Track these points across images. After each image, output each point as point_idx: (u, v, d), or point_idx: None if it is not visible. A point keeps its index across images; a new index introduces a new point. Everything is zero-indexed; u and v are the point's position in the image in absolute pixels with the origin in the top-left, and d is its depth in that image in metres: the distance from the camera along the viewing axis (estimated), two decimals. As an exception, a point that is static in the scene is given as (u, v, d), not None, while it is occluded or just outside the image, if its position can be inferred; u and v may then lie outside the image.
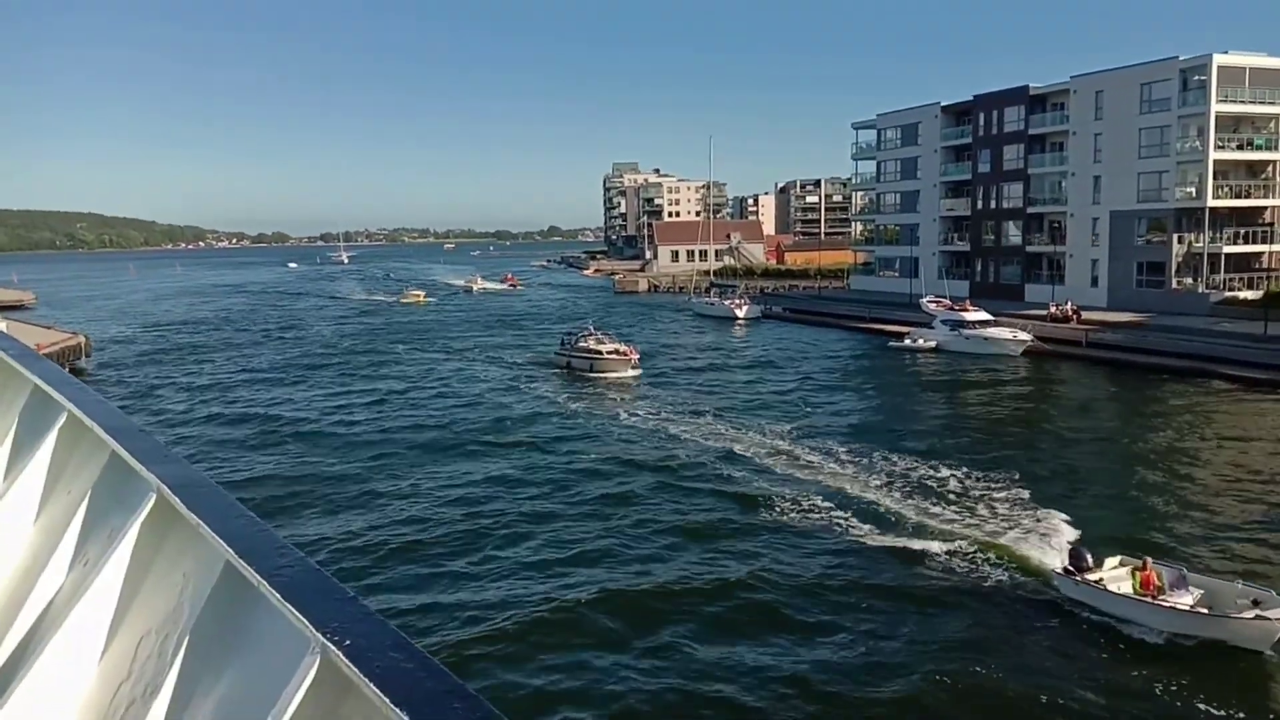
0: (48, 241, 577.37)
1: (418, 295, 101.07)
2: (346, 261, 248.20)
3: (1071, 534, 22.00)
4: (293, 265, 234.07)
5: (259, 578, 2.26)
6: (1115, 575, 18.36)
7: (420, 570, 21.05)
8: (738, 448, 31.44)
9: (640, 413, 38.51)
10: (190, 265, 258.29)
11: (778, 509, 24.69)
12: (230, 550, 2.44)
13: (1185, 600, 17.26)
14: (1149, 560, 18.12)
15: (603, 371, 47.86)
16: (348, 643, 1.89)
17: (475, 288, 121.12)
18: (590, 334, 51.14)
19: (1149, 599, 17.41)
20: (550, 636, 17.48)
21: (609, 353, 48.57)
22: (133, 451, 3.25)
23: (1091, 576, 18.30)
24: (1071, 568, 18.70)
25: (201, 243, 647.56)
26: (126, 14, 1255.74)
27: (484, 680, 16.01)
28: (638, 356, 48.94)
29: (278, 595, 2.15)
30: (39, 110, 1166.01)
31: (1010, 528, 22.85)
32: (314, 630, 1.96)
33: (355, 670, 1.81)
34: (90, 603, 2.88)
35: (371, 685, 1.75)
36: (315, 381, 48.58)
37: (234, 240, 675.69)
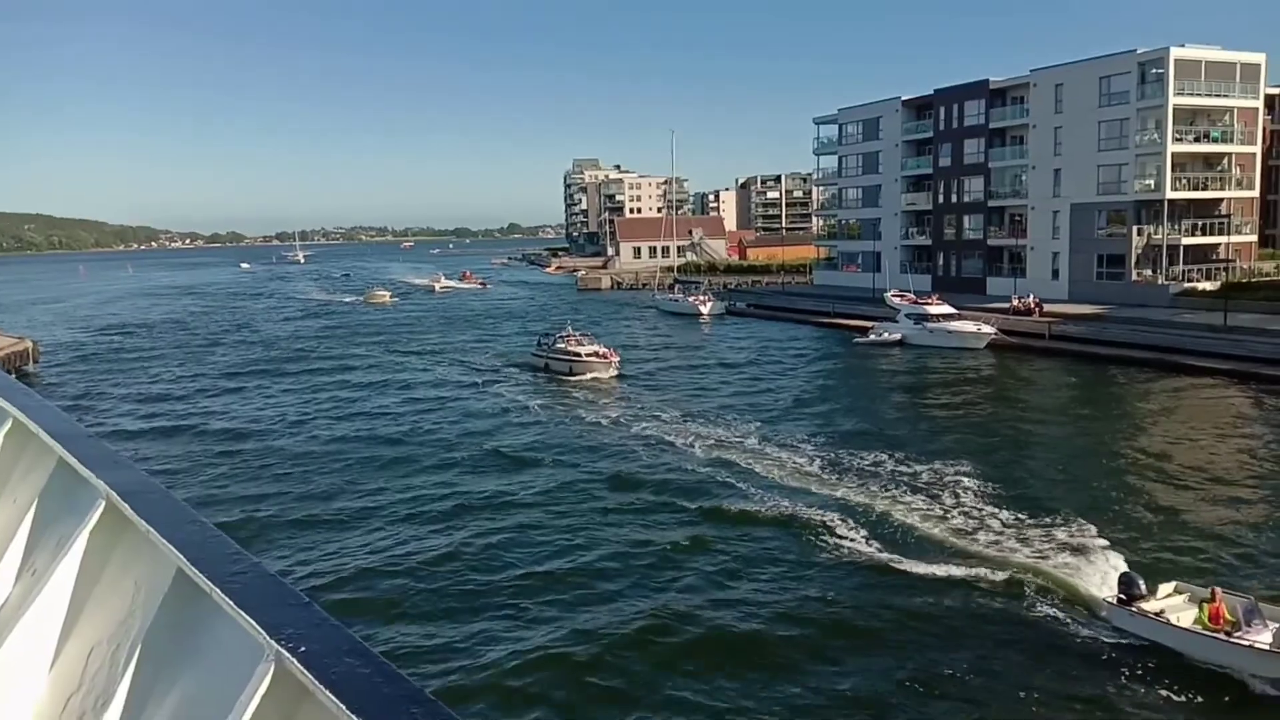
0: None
1: (384, 296, 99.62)
2: (303, 261, 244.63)
3: (1063, 537, 21.63)
4: (245, 266, 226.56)
5: (211, 585, 2.24)
6: (1175, 605, 16.41)
7: (394, 608, 19.05)
8: (725, 454, 30.06)
9: (624, 418, 36.75)
10: (143, 266, 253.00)
11: (790, 528, 22.97)
12: (182, 557, 2.42)
13: (1265, 637, 15.13)
14: (1218, 590, 16.09)
15: (583, 374, 46.28)
16: (303, 649, 1.88)
17: (438, 287, 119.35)
18: (569, 335, 49.54)
19: (1221, 634, 15.35)
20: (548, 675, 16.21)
21: (589, 355, 47.03)
22: (81, 458, 3.21)
23: (1149, 607, 16.35)
24: (1124, 595, 16.82)
25: (154, 243, 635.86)
26: (74, 11, 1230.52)
27: (442, 684, 15.47)
28: (619, 359, 47.47)
29: (231, 602, 2.14)
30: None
31: (1015, 536, 22.32)
32: (268, 637, 1.94)
33: (310, 677, 1.80)
34: (39, 613, 2.84)
35: (327, 692, 1.74)
36: (278, 389, 46.38)
37: (188, 241, 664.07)
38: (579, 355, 47.01)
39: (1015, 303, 58.72)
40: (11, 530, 3.47)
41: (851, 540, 21.89)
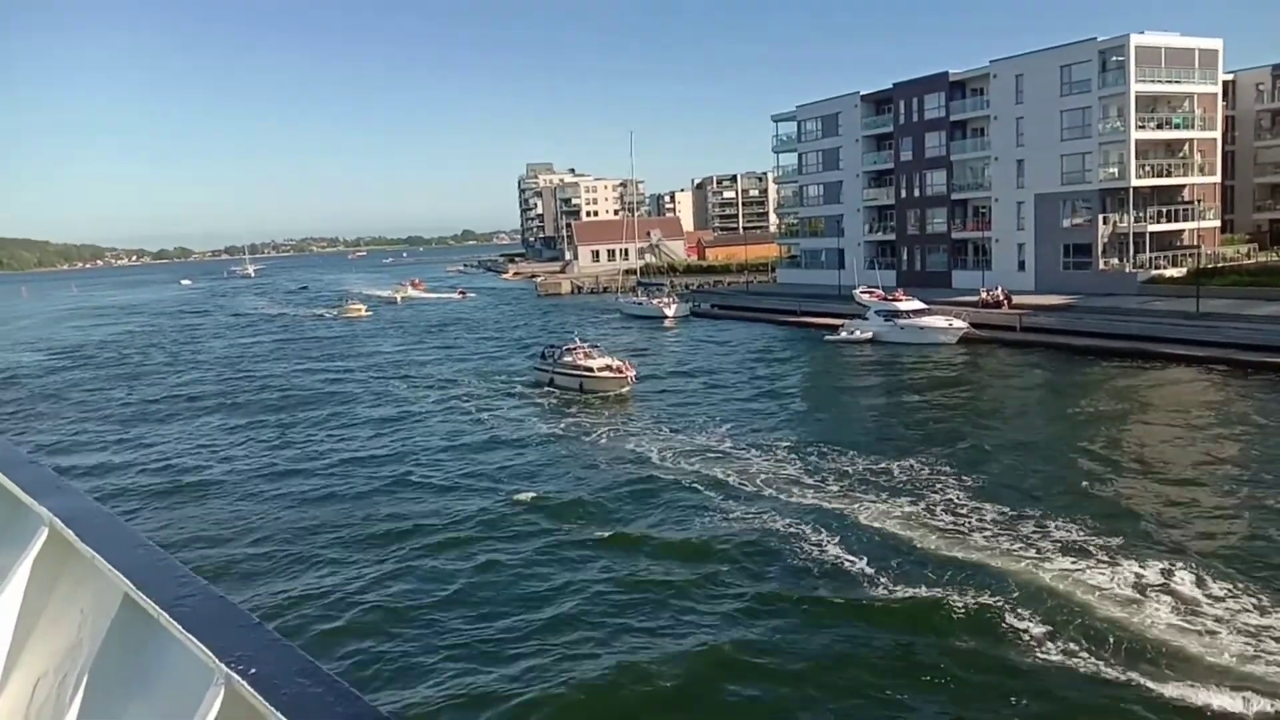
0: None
1: (358, 308, 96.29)
2: (253, 274, 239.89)
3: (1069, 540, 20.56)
4: (186, 283, 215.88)
5: (159, 609, 2.21)
6: None
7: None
8: (720, 471, 27.99)
9: (654, 445, 32.14)
10: (87, 285, 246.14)
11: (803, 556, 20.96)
12: (128, 582, 2.38)
13: None
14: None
15: (594, 391, 41.65)
16: (253, 671, 1.87)
17: (400, 297, 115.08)
18: (577, 347, 44.71)
19: None
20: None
21: (601, 369, 42.23)
22: (21, 483, 3.16)
23: None
24: None
25: (100, 261, 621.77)
26: (7, 24, 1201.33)
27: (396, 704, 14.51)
28: (634, 373, 42.56)
29: (179, 626, 2.11)
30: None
31: (1004, 536, 21.32)
32: (217, 660, 1.93)
33: (261, 700, 1.79)
34: None
35: (279, 714, 1.74)
36: (243, 417, 41.44)
37: (134, 258, 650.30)
38: (589, 370, 42.40)
39: (984, 295, 58.12)
40: None
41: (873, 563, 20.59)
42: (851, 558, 20.61)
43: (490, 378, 49.16)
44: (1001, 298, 57.39)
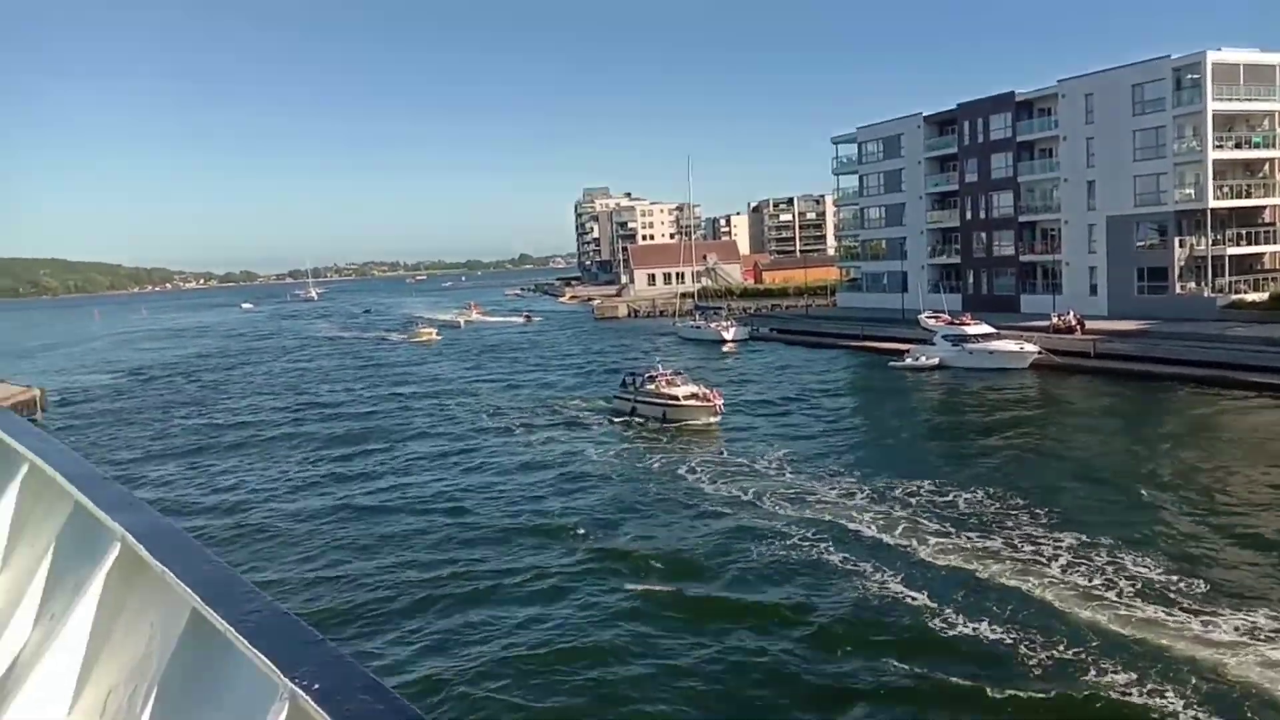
0: (10, 289, 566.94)
1: (429, 333, 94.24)
2: (316, 298, 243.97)
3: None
4: (247, 306, 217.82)
5: (226, 624, 2.25)
6: None
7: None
8: (822, 514, 25.65)
9: (748, 485, 29.59)
10: (156, 308, 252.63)
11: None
12: (197, 598, 2.42)
13: None
14: None
15: (679, 420, 39.47)
16: (316, 686, 1.89)
17: (463, 321, 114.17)
18: (660, 374, 42.40)
19: None
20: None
21: (687, 397, 40.02)
22: (97, 501, 3.25)
23: None
24: None
25: (169, 284, 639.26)
26: (81, 56, 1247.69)
27: None
28: (722, 401, 40.05)
29: (245, 641, 2.14)
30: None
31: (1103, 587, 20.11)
32: (282, 675, 1.96)
33: (324, 714, 1.81)
34: (57, 657, 2.86)
35: None
36: (313, 444, 40.28)
37: (202, 281, 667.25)
38: (675, 398, 40.13)
39: (1055, 320, 56.42)
40: (30, 574, 3.50)
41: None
42: (914, 593, 19.78)
43: (568, 406, 46.92)
44: (1074, 323, 55.65)
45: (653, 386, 41.60)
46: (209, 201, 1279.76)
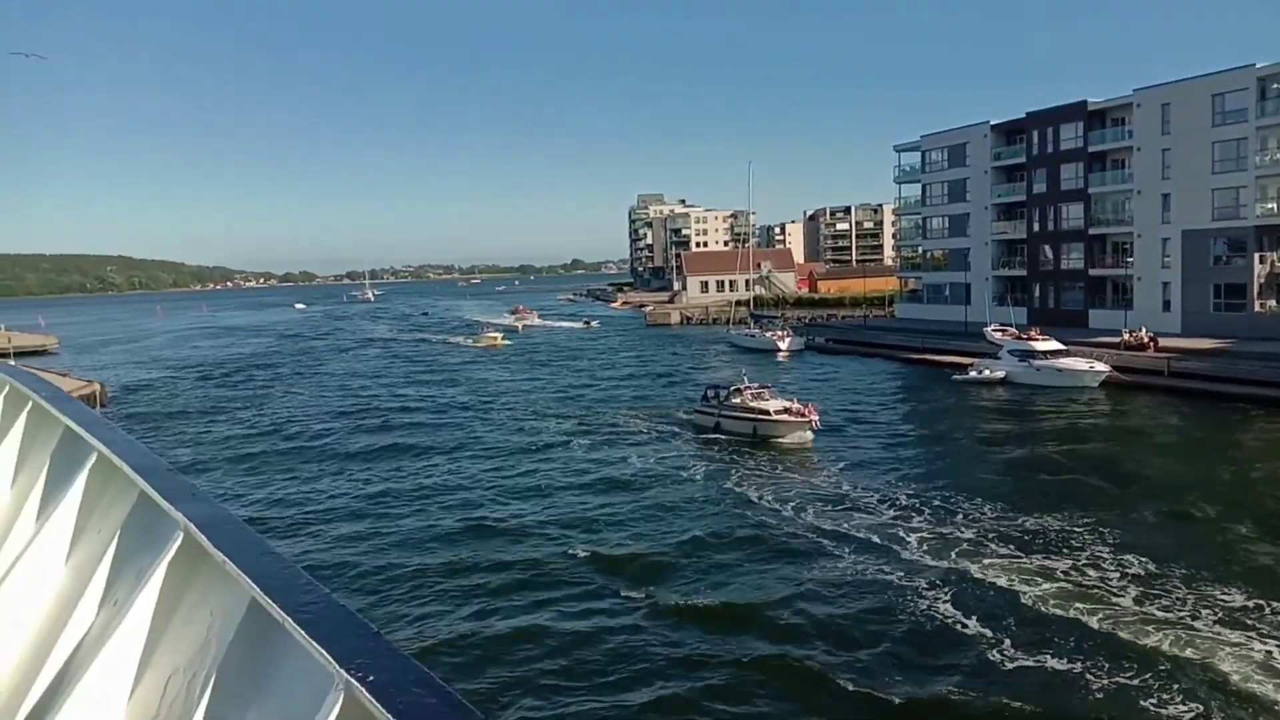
0: (78, 285, 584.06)
1: (494, 337, 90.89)
2: (373, 299, 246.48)
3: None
4: (300, 307, 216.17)
5: (284, 614, 2.27)
6: None
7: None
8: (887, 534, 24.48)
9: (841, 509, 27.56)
10: (217, 306, 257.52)
11: None
12: (256, 588, 2.46)
13: None
14: None
15: (770, 437, 36.72)
16: (371, 679, 1.91)
17: (521, 325, 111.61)
18: (746, 387, 39.55)
19: None
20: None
21: (779, 412, 37.01)
22: (161, 491, 3.31)
23: None
24: None
25: (229, 283, 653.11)
26: (154, 58, 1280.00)
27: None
28: (818, 416, 36.97)
29: (302, 632, 2.17)
30: (69, 156, 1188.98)
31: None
32: (338, 666, 1.98)
33: (379, 706, 1.83)
34: (120, 642, 2.91)
35: None
36: (384, 453, 38.62)
37: (261, 280, 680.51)
38: (766, 413, 37.21)
39: (1127, 337, 54.34)
40: (95, 561, 3.57)
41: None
42: (971, 619, 18.88)
43: (645, 418, 44.37)
44: (1146, 340, 53.55)
45: (739, 400, 38.81)
46: (271, 203, 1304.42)
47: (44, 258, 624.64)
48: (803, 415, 36.44)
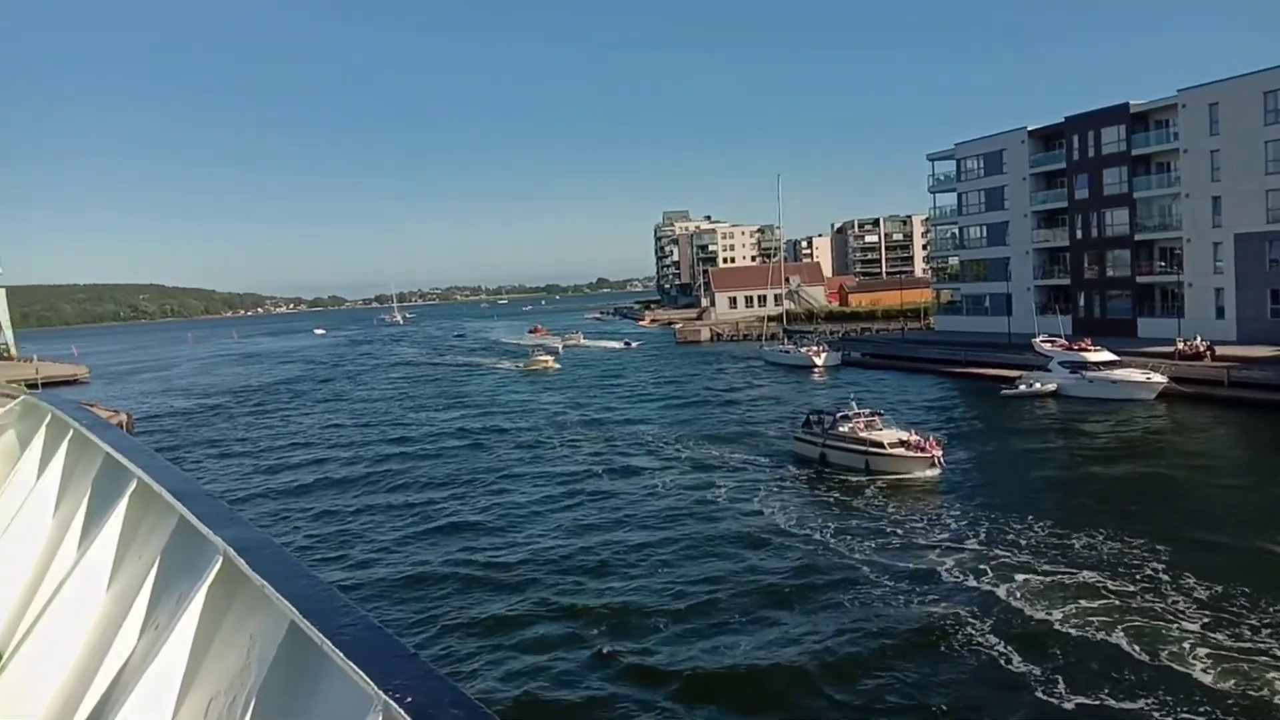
0: (111, 314, 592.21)
1: (545, 360, 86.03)
2: (403, 322, 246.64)
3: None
4: (319, 332, 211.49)
5: (322, 637, 2.29)
6: None
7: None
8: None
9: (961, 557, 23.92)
10: (247, 332, 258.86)
11: None
12: (295, 610, 2.47)
13: None
14: None
15: (885, 472, 32.86)
16: (409, 700, 1.92)
17: (562, 346, 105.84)
18: (856, 414, 35.66)
19: None
20: None
21: (894, 444, 33.19)
22: (200, 515, 3.34)
23: None
24: None
25: (260, 309, 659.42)
26: (180, 89, 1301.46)
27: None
28: (941, 452, 33.00)
29: (341, 654, 2.18)
30: (102, 186, 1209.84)
31: None
32: (376, 688, 1.99)
33: None
34: (162, 665, 2.90)
35: None
36: (408, 475, 37.12)
37: (291, 305, 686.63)
38: (880, 445, 33.40)
39: (1181, 345, 52.11)
40: (137, 586, 3.56)
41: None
42: (1018, 648, 17.11)
43: (729, 445, 41.09)
44: (1202, 348, 51.31)
45: (847, 428, 34.93)
46: (300, 230, 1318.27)
47: (78, 288, 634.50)
48: (923, 450, 32.75)
